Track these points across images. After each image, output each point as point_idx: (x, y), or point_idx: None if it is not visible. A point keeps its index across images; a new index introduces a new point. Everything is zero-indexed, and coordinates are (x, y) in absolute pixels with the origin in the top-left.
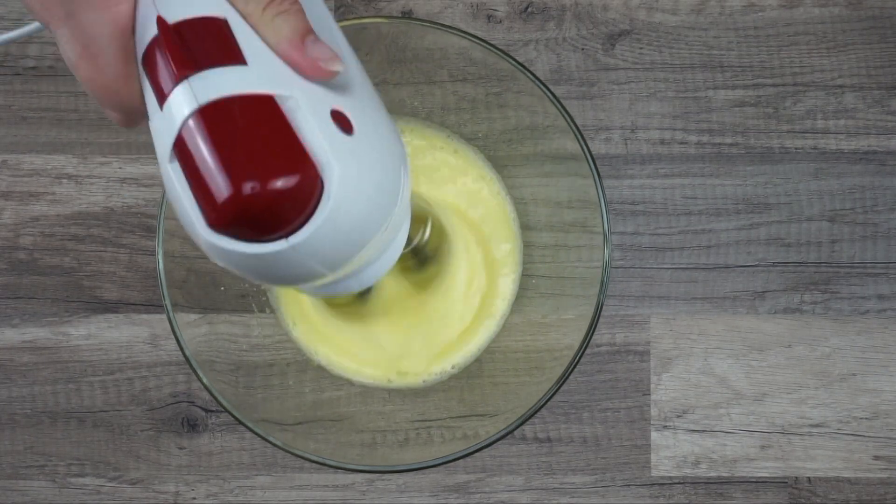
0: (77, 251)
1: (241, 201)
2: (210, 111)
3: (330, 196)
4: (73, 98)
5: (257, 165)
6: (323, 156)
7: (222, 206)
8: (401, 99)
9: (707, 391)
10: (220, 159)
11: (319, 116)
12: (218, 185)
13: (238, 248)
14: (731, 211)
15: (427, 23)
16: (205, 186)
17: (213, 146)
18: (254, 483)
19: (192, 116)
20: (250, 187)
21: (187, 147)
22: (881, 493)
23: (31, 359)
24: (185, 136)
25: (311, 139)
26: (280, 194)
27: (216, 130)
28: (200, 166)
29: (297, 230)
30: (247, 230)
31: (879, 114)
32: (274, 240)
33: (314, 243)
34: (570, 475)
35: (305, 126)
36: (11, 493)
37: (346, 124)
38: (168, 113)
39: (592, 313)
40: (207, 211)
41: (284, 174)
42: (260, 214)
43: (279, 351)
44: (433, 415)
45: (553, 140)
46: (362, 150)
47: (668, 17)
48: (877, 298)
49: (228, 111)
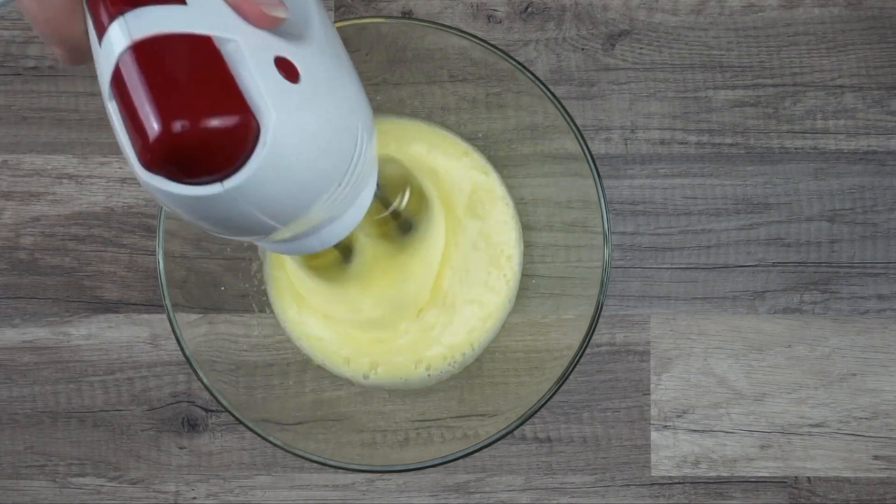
0: (77, 251)
1: (171, 140)
2: (143, 48)
3: (266, 141)
4: (73, 98)
5: (188, 104)
6: (259, 100)
7: (152, 144)
8: (401, 99)
9: (707, 391)
10: (150, 97)
11: (260, 61)
12: (149, 123)
13: (172, 189)
14: (731, 211)
15: (427, 23)
16: (137, 124)
17: (145, 82)
18: (254, 483)
19: (125, 52)
20: (180, 125)
21: (123, 83)
22: (881, 493)
23: (31, 359)
24: (120, 71)
25: (247, 82)
26: (211, 134)
27: (149, 67)
28: (134, 103)
29: (231, 174)
30: (179, 170)
31: (879, 114)
32: (210, 183)
33: (251, 189)
34: (570, 475)
35: (243, 69)
36: (11, 493)
37: (292, 73)
38: (106, 48)
39: (592, 313)
40: (139, 149)
41: (216, 114)
42: (190, 154)
43: (279, 351)
44: (433, 415)
45: (553, 140)
46: (307, 100)
47: (668, 17)
48: (877, 298)
49: (162, 49)
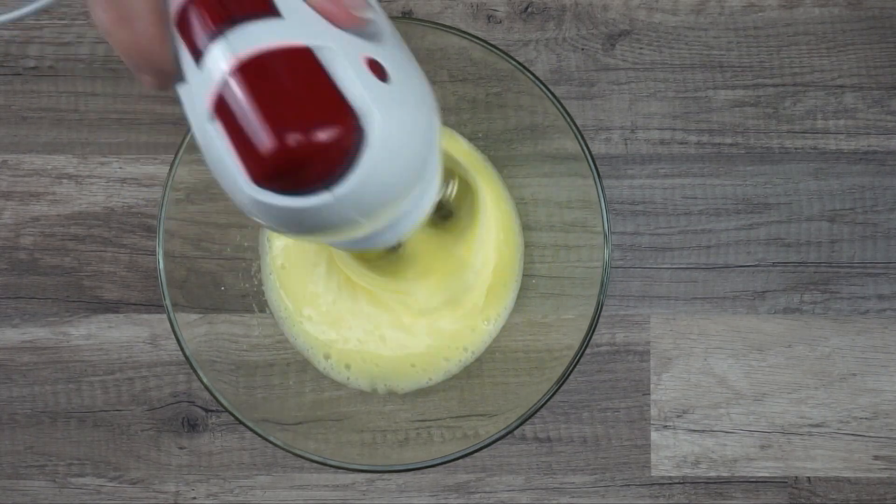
0: (77, 251)
1: (285, 153)
2: (248, 65)
3: (373, 144)
4: (73, 98)
5: (299, 116)
6: (363, 104)
7: (266, 159)
8: None
9: (707, 391)
10: (261, 113)
11: (356, 65)
12: (261, 139)
13: (282, 203)
14: (731, 211)
15: (427, 23)
16: (247, 141)
17: (254, 100)
18: (254, 483)
19: (231, 71)
20: (293, 139)
21: (227, 103)
22: (881, 493)
23: (31, 359)
24: (224, 92)
25: (349, 88)
26: (323, 144)
27: (255, 84)
28: (242, 122)
29: (340, 181)
30: (291, 183)
31: (879, 114)
32: (317, 192)
33: (358, 193)
34: (570, 475)
35: (343, 75)
36: (11, 493)
37: (382, 73)
38: (205, 70)
39: (592, 313)
40: (251, 166)
41: (326, 124)
42: (304, 166)
43: (279, 351)
44: (433, 415)
45: (553, 140)
46: (399, 98)
47: (668, 17)
48: (877, 298)
49: (267, 64)
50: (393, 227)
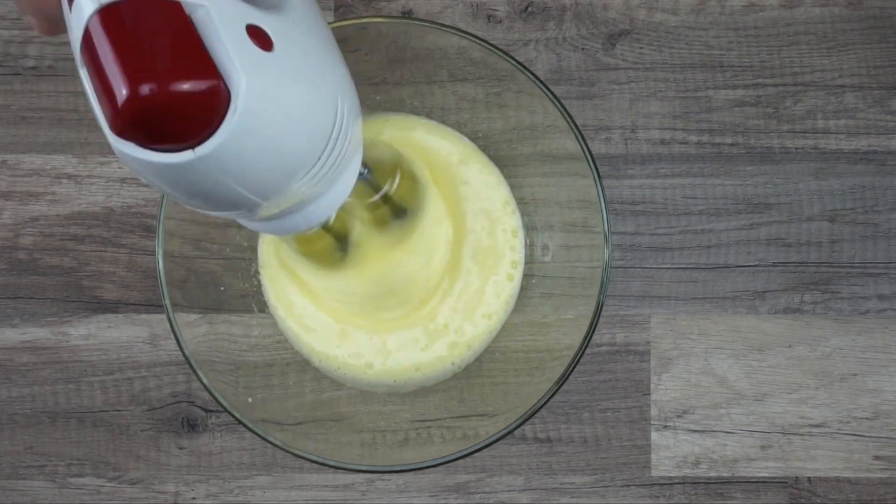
0: (77, 251)
1: (139, 103)
2: (112, 11)
3: (237, 108)
4: (73, 98)
5: (157, 68)
6: (229, 66)
7: (121, 108)
8: (401, 99)
9: (707, 391)
10: (118, 61)
11: (231, 28)
12: (117, 87)
13: (144, 156)
14: (731, 211)
15: (427, 23)
16: (107, 89)
17: (113, 47)
18: (254, 483)
19: (94, 16)
20: (148, 89)
21: (93, 48)
22: (881, 493)
23: (30, 359)
24: (88, 36)
25: (217, 48)
26: (179, 98)
27: (116, 31)
28: (103, 68)
29: (204, 141)
30: (148, 135)
31: (880, 114)
32: (181, 150)
33: (223, 157)
34: (570, 475)
35: (213, 35)
36: (11, 493)
37: (265, 41)
38: (76, 13)
39: (592, 313)
40: (109, 114)
41: (185, 78)
42: (159, 118)
43: (279, 351)
44: (433, 415)
45: (553, 140)
46: (281, 69)
47: (669, 16)
48: (877, 298)
49: (131, 13)
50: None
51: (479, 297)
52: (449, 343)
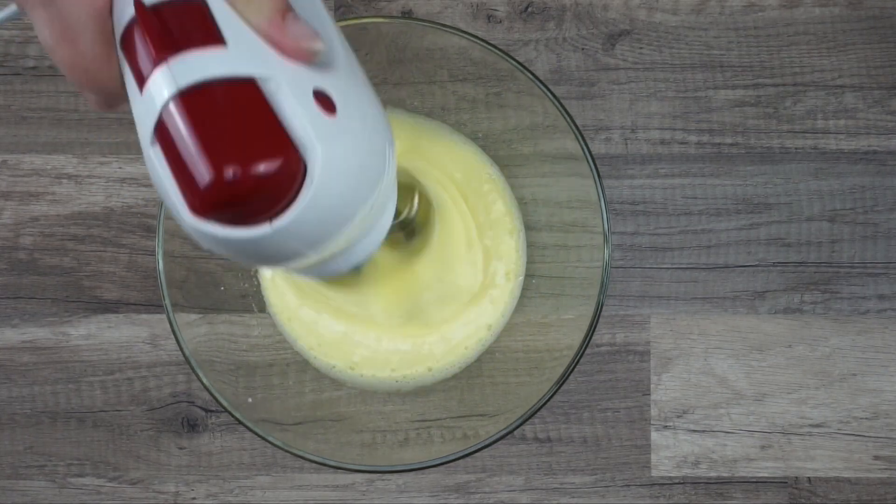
0: (77, 251)
1: (223, 187)
2: (190, 95)
3: (313, 179)
4: (73, 98)
5: (238, 150)
6: (305, 138)
7: (204, 192)
8: (401, 99)
9: (707, 391)
10: (200, 144)
11: (301, 98)
12: (199, 171)
13: (221, 234)
14: (731, 211)
15: (427, 23)
16: (186, 172)
17: (194, 131)
18: (254, 483)
19: (171, 100)
20: (232, 172)
21: (168, 131)
22: (881, 493)
23: (31, 359)
24: (165, 120)
25: (292, 121)
26: (262, 179)
27: (196, 114)
28: (181, 151)
29: (281, 213)
30: (230, 215)
31: (879, 114)
32: (257, 223)
33: (298, 226)
34: (570, 475)
35: (287, 108)
36: (11, 493)
37: (329, 105)
38: (148, 97)
39: (592, 313)
40: (189, 197)
41: (266, 158)
42: (242, 200)
43: (279, 351)
44: (433, 415)
45: (553, 140)
46: (345, 131)
47: (669, 16)
48: (877, 298)
49: (208, 95)
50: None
51: (482, 297)
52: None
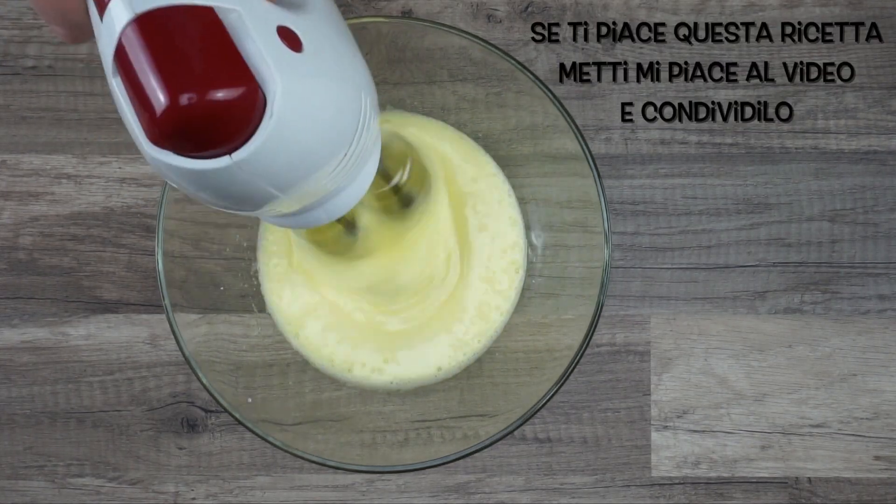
0: (76, 251)
1: (179, 113)
2: (147, 20)
3: (273, 112)
4: (73, 98)
5: (195, 76)
6: (265, 69)
7: (160, 118)
8: (400, 99)
9: (707, 391)
10: (156, 70)
11: (263, 31)
12: (155, 97)
13: (180, 164)
14: (731, 211)
15: (427, 22)
16: (143, 99)
17: (150, 57)
18: (254, 483)
19: (129, 26)
20: (187, 98)
21: (127, 58)
22: (882, 493)
23: (30, 359)
24: (123, 46)
25: (252, 52)
26: (218, 106)
27: (152, 41)
28: (139, 78)
29: (241, 146)
30: (187, 144)
31: (880, 114)
32: (217, 156)
33: (259, 160)
34: (571, 475)
35: (247, 39)
36: (11, 494)
37: (295, 42)
38: (108, 23)
39: (592, 313)
40: (147, 124)
41: (223, 86)
42: (199, 127)
43: (279, 351)
44: (433, 415)
45: (553, 140)
46: (311, 69)
47: (669, 16)
48: (877, 298)
49: (167, 20)
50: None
51: (483, 296)
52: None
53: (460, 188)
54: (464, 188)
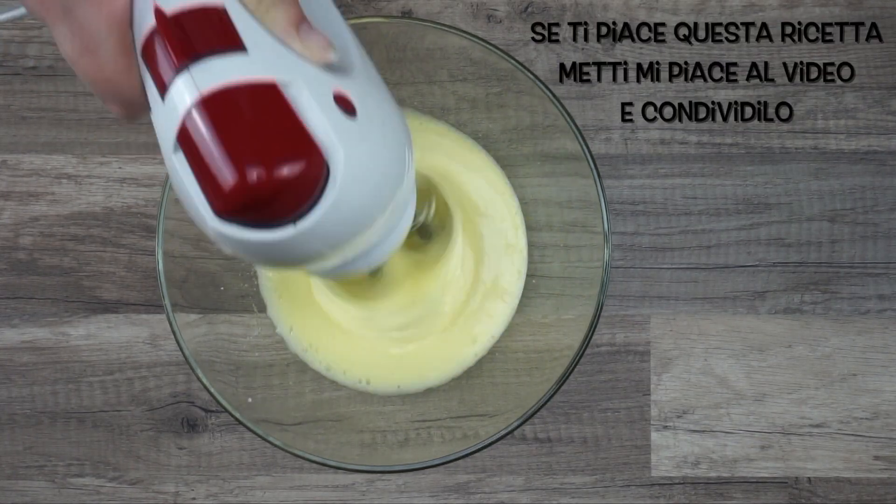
0: (77, 251)
1: (247, 189)
2: (212, 100)
3: (336, 180)
4: (73, 98)
5: (261, 152)
6: (327, 140)
7: (228, 194)
8: (401, 99)
9: (707, 391)
10: (223, 147)
11: (322, 100)
12: (223, 174)
13: (246, 236)
14: (731, 211)
15: (427, 22)
16: (210, 175)
17: (217, 134)
18: (254, 483)
19: (194, 106)
20: (255, 174)
21: (191, 137)
22: (881, 493)
23: (30, 359)
24: (188, 126)
25: (314, 123)
26: (285, 180)
27: (219, 119)
28: (205, 156)
29: (304, 215)
30: (253, 217)
31: (879, 114)
32: (281, 225)
33: (321, 228)
34: (570, 475)
35: (308, 110)
36: (11, 494)
37: (349, 107)
38: (170, 104)
39: (592, 313)
40: (214, 200)
41: (289, 160)
42: (266, 201)
43: (279, 351)
44: (433, 415)
45: (553, 140)
46: (366, 133)
47: (669, 16)
48: (877, 298)
49: (230, 99)
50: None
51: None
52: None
53: (471, 202)
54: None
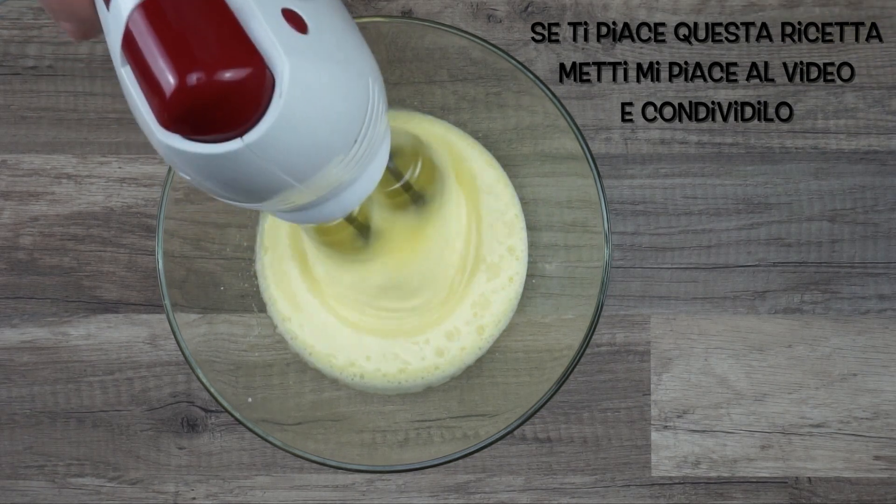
0: (77, 251)
1: (188, 93)
2: (153, 4)
3: (282, 92)
4: (73, 98)
5: (202, 57)
6: (272, 49)
7: (169, 100)
8: (401, 99)
9: (707, 391)
10: (164, 53)
11: (269, 13)
12: (164, 79)
13: (192, 149)
14: (731, 211)
15: (427, 22)
16: (153, 82)
17: (157, 40)
18: (254, 483)
19: (135, 11)
20: (196, 78)
21: (135, 44)
22: (881, 493)
23: (30, 359)
24: (130, 32)
25: (258, 33)
26: (227, 86)
27: (160, 24)
28: (147, 62)
29: (251, 129)
30: (197, 125)
31: (880, 114)
32: (229, 139)
33: (271, 143)
34: (570, 475)
35: (253, 20)
36: (11, 494)
37: (300, 24)
38: (115, 11)
39: (592, 313)
40: (157, 108)
41: (231, 66)
42: (208, 107)
43: (279, 351)
44: (433, 415)
45: (553, 140)
46: (317, 50)
47: (669, 16)
48: (877, 298)
49: (171, 4)
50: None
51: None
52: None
53: (473, 183)
54: (475, 183)
